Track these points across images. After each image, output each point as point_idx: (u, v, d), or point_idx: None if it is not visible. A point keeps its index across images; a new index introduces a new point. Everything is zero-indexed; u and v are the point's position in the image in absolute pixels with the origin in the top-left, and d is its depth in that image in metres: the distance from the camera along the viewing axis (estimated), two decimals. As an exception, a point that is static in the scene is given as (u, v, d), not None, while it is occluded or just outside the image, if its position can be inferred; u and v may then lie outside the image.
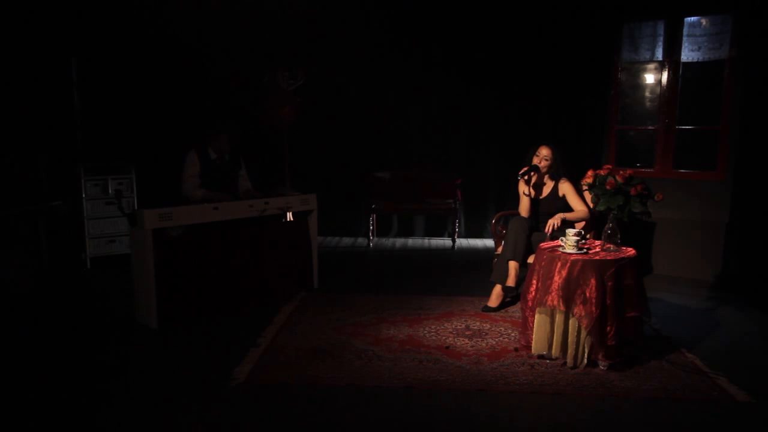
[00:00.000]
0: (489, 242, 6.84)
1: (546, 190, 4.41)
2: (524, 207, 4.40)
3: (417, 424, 2.73)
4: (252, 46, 6.48)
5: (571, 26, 6.13)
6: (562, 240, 3.47)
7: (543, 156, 4.32)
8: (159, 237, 3.88)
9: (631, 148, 6.18)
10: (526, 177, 4.29)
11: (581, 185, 3.96)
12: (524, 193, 4.36)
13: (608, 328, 3.19)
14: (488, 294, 4.39)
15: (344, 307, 4.38)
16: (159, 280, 3.86)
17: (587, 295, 3.18)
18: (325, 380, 3.14)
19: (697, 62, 5.42)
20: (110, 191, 5.56)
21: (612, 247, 3.42)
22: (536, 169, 4.32)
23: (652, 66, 5.82)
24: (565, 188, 4.33)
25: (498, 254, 4.46)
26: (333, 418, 2.78)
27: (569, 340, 3.29)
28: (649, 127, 5.83)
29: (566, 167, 4.41)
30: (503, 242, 4.39)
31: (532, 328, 3.44)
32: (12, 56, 5.10)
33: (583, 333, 3.23)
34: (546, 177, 4.40)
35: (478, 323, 4.06)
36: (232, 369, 3.24)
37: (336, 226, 7.06)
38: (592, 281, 3.18)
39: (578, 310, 3.20)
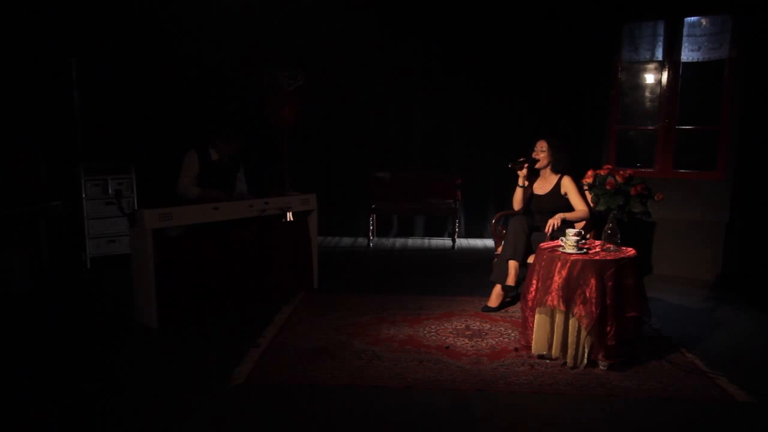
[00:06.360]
0: (489, 242, 6.85)
1: (548, 186, 4.40)
2: (516, 198, 4.42)
3: (417, 424, 2.73)
4: (252, 45, 6.48)
5: (571, 26, 6.13)
6: (562, 240, 3.47)
7: (539, 149, 4.35)
8: (159, 237, 3.88)
9: (631, 148, 6.17)
10: (517, 166, 4.31)
11: (582, 185, 3.96)
12: (518, 185, 4.38)
13: (608, 328, 3.19)
14: (488, 294, 4.39)
15: (344, 307, 4.39)
16: (159, 280, 3.86)
17: (587, 295, 3.18)
18: (325, 380, 3.14)
19: (697, 62, 5.43)
20: (110, 191, 5.55)
21: (612, 247, 3.42)
22: (531, 160, 4.33)
23: (652, 66, 5.82)
24: (568, 186, 4.33)
25: (498, 254, 4.46)
26: (333, 418, 2.78)
27: (569, 340, 3.29)
28: (649, 127, 5.82)
29: (568, 163, 4.41)
30: (503, 242, 4.39)
31: (532, 328, 3.44)
32: (12, 56, 5.10)
33: (583, 333, 3.23)
34: (548, 170, 4.41)
35: (478, 323, 4.06)
36: (232, 369, 3.24)
37: (336, 226, 7.07)
38: (592, 281, 3.18)
39: (578, 310, 3.20)
